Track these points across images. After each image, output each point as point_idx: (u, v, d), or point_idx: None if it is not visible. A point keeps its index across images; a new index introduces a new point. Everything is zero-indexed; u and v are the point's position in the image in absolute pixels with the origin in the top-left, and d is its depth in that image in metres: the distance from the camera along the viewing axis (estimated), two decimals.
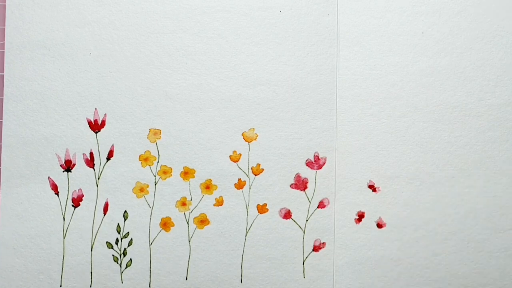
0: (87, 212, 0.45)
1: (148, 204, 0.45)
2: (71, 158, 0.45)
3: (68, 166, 0.46)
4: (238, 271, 0.44)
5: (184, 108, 0.45)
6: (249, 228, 0.44)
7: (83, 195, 0.45)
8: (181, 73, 0.45)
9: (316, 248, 0.44)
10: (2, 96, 0.46)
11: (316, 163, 0.44)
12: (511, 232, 0.43)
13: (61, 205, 0.45)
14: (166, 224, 0.45)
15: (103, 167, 0.45)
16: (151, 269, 0.44)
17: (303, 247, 0.44)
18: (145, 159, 0.45)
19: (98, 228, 0.45)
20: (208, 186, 0.45)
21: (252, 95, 0.45)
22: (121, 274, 0.45)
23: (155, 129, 0.45)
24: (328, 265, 0.44)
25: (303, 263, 0.44)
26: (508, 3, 0.44)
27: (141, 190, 0.45)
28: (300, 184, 0.44)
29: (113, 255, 0.45)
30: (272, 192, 0.44)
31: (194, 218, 0.45)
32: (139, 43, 0.46)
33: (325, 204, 0.44)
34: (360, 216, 0.44)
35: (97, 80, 0.46)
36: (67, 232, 0.45)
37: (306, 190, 0.44)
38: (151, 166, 0.45)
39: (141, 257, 0.45)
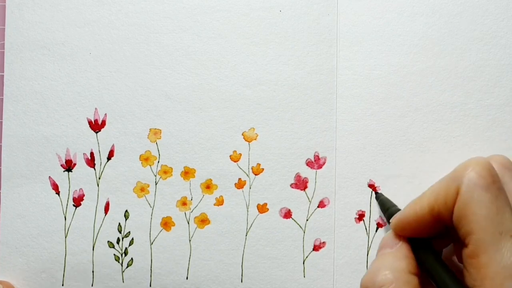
0: (88, 212, 0.45)
1: (149, 204, 0.45)
2: (72, 158, 0.46)
3: (68, 166, 0.46)
4: (238, 270, 0.44)
5: (184, 108, 0.45)
6: (250, 228, 0.44)
7: (84, 195, 0.45)
8: (181, 73, 0.45)
9: (316, 248, 0.44)
10: (2, 96, 0.46)
11: (316, 162, 0.44)
12: None
13: (62, 204, 0.45)
14: (166, 223, 0.45)
15: (104, 167, 0.46)
16: (152, 268, 0.45)
17: (303, 246, 0.44)
18: (146, 159, 0.45)
19: (100, 227, 0.45)
20: (208, 186, 0.45)
21: (252, 95, 0.45)
22: (122, 273, 0.45)
23: (155, 129, 0.45)
24: (328, 265, 0.44)
25: (303, 263, 0.44)
26: (507, 4, 0.44)
27: (141, 189, 0.45)
28: (300, 183, 0.45)
29: (114, 255, 0.45)
30: (272, 191, 0.45)
31: (195, 217, 0.45)
32: (139, 43, 0.46)
33: (325, 203, 0.44)
34: (361, 216, 0.44)
35: (97, 80, 0.46)
36: (68, 232, 0.45)
37: (306, 189, 0.44)
38: (151, 166, 0.45)
39: (142, 256, 0.45)
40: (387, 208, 0.41)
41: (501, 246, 0.30)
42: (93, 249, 0.45)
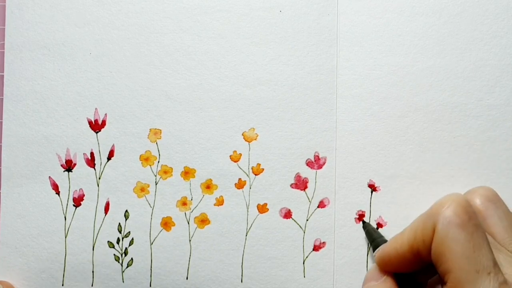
0: (88, 212, 0.45)
1: (149, 204, 0.45)
2: (72, 158, 0.46)
3: (68, 166, 0.46)
4: (238, 270, 0.44)
5: (184, 108, 0.45)
6: (250, 228, 0.44)
7: (84, 195, 0.45)
8: (181, 73, 0.45)
9: (316, 248, 0.44)
10: (2, 96, 0.46)
11: (316, 163, 0.44)
12: None
13: (62, 204, 0.45)
14: (166, 223, 0.45)
15: (104, 167, 0.46)
16: (152, 269, 0.45)
17: (303, 246, 0.44)
18: (146, 159, 0.45)
19: (100, 227, 0.45)
20: (208, 186, 0.45)
21: (252, 95, 0.45)
22: (122, 273, 0.45)
23: (155, 129, 0.45)
24: (328, 265, 0.44)
25: (303, 263, 0.44)
26: (507, 4, 0.44)
27: (142, 189, 0.45)
28: (300, 183, 0.45)
29: (114, 255, 0.45)
30: (272, 191, 0.45)
31: (195, 217, 0.45)
32: (139, 43, 0.46)
33: (325, 203, 0.44)
34: (361, 216, 0.44)
35: (97, 80, 0.46)
36: (68, 232, 0.45)
37: (306, 189, 0.44)
38: (151, 166, 0.45)
39: (142, 256, 0.45)
40: (374, 239, 0.41)
41: (479, 284, 0.30)
42: (93, 249, 0.45)
